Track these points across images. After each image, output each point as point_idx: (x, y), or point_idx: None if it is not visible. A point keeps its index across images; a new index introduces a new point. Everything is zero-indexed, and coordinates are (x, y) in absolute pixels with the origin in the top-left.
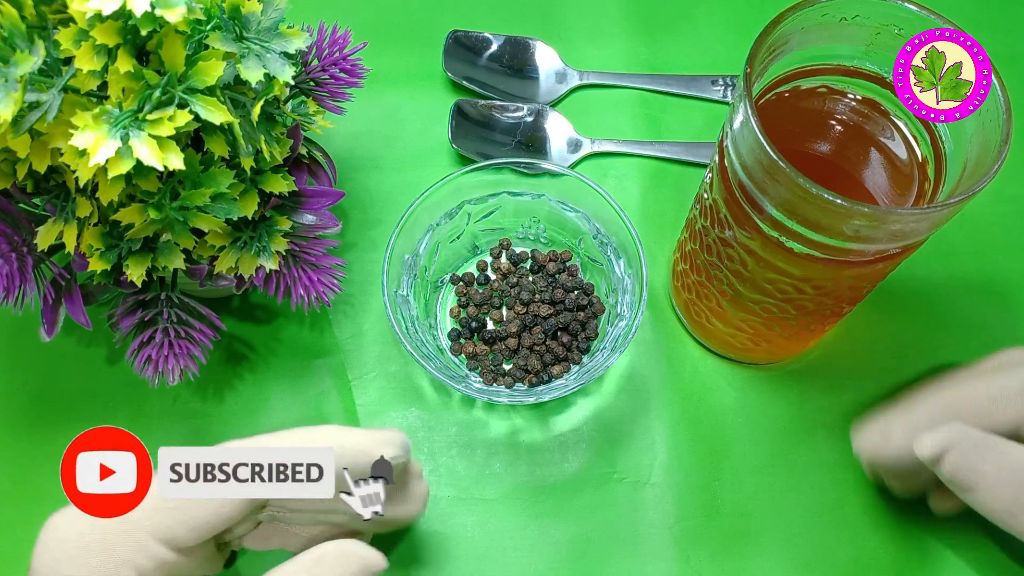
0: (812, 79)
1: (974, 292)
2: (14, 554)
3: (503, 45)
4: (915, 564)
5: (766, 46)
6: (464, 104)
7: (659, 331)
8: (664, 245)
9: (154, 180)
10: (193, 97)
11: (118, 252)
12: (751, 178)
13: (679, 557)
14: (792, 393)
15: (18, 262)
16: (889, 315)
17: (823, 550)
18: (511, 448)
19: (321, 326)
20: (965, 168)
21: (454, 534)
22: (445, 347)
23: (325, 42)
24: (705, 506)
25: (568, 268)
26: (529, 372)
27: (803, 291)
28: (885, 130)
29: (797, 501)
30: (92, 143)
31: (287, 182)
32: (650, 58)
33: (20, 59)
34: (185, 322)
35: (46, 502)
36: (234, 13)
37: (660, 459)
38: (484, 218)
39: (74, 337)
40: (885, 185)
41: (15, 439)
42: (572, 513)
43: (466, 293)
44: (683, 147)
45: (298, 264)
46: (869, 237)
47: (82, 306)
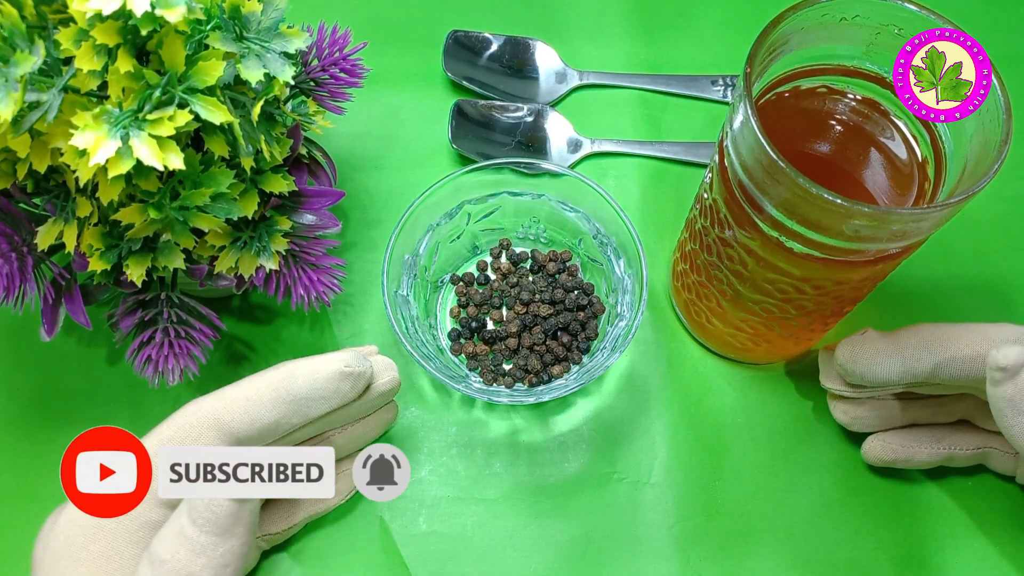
0: (812, 79)
1: (974, 292)
2: (14, 554)
3: (503, 45)
4: (915, 564)
5: (766, 46)
6: (464, 104)
7: (659, 331)
8: (664, 245)
9: (154, 180)
10: (193, 97)
11: (118, 252)
12: (751, 178)
13: (679, 557)
14: (792, 393)
15: (18, 262)
16: (889, 315)
17: (823, 550)
18: (511, 448)
19: (321, 326)
20: (965, 168)
21: (454, 534)
22: (445, 347)
23: (325, 42)
24: (705, 506)
25: (568, 268)
26: (529, 372)
27: (803, 291)
28: (885, 130)
29: (797, 501)
30: (92, 143)
31: (287, 182)
32: (650, 58)
33: (20, 59)
34: (185, 322)
35: (46, 502)
36: (234, 13)
37: (660, 459)
38: (484, 218)
39: (74, 337)
40: (885, 185)
41: (15, 439)
42: (572, 513)
43: (466, 293)
44: (683, 147)
45: (298, 264)
46: (869, 237)
47: (82, 306)
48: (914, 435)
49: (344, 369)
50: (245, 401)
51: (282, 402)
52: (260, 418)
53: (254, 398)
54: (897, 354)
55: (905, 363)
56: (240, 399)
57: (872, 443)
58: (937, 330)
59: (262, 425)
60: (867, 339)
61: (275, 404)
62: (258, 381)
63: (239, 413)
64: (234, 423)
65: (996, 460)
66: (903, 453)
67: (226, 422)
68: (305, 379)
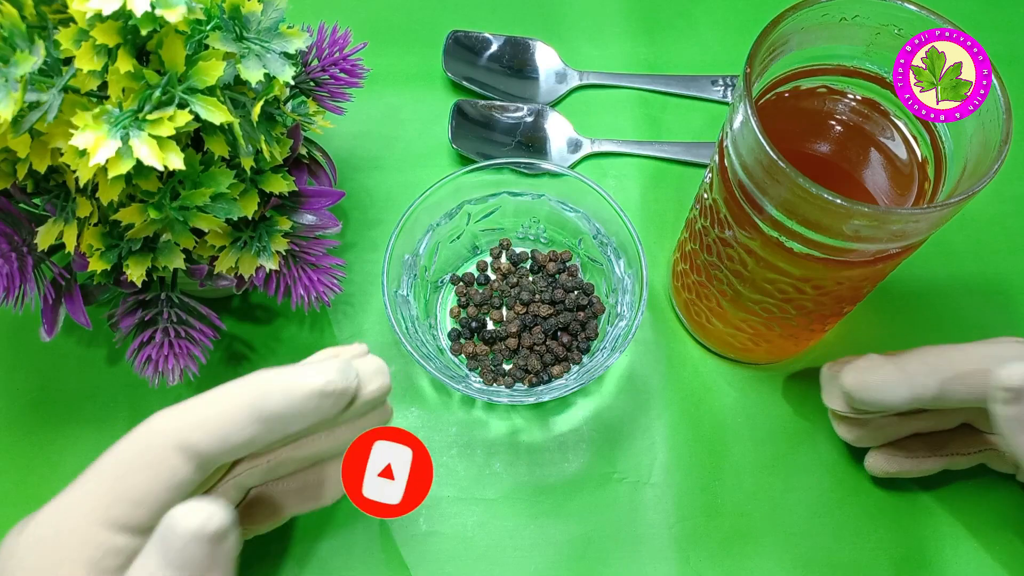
0: (812, 79)
1: (974, 292)
2: None
3: (503, 45)
4: (915, 564)
5: (766, 46)
6: (464, 104)
7: (659, 331)
8: (664, 245)
9: (154, 180)
10: (193, 97)
11: (118, 252)
12: (751, 178)
13: (679, 557)
14: (792, 393)
15: (18, 262)
16: (889, 315)
17: (823, 550)
18: (511, 448)
19: (321, 326)
20: (965, 168)
21: (454, 534)
22: (445, 347)
23: (325, 42)
24: (705, 506)
25: (568, 268)
26: (529, 372)
27: (803, 291)
28: (885, 130)
29: (797, 501)
30: (92, 143)
31: (287, 182)
32: (650, 58)
33: (20, 59)
34: (185, 322)
35: (46, 502)
36: (234, 13)
37: (660, 459)
38: (484, 218)
39: (74, 337)
40: (885, 185)
41: (15, 439)
42: (572, 513)
43: (466, 293)
44: (683, 147)
45: (298, 264)
46: (869, 237)
47: (82, 306)
48: (917, 445)
49: (324, 388)
50: (216, 419)
51: (256, 420)
52: (231, 438)
53: (225, 416)
54: (904, 381)
55: (912, 389)
56: (210, 417)
57: (876, 457)
58: (943, 353)
59: (233, 445)
60: (873, 366)
61: (248, 423)
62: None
63: (208, 433)
64: (202, 444)
65: (996, 460)
66: (908, 464)
67: (193, 443)
68: (281, 396)
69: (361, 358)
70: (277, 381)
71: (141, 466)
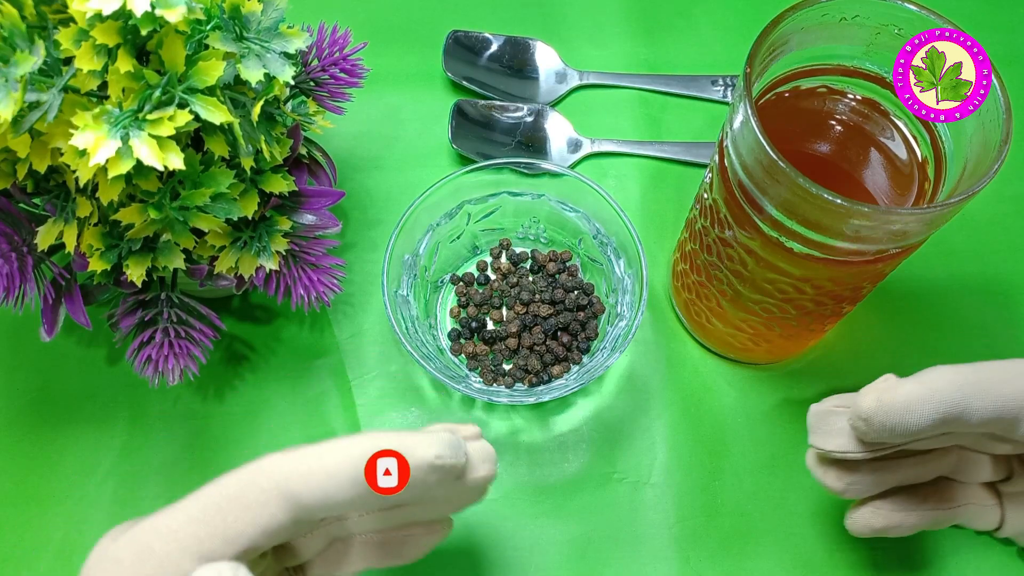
0: (812, 79)
1: (974, 292)
2: (14, 554)
3: (503, 45)
4: (915, 564)
5: (766, 46)
6: (464, 104)
7: (659, 331)
8: (664, 245)
9: (154, 180)
10: (193, 97)
11: (118, 252)
12: (751, 178)
13: (679, 557)
14: (792, 393)
15: (18, 262)
16: (889, 315)
17: (823, 550)
18: (511, 448)
19: (321, 326)
20: (965, 168)
21: (455, 534)
22: (445, 347)
23: (325, 42)
24: (705, 506)
25: (568, 268)
26: (529, 372)
27: (803, 291)
28: (885, 130)
29: (797, 501)
30: (92, 143)
31: (287, 182)
32: (650, 58)
33: (20, 59)
34: (185, 322)
35: (46, 502)
36: (234, 13)
37: (660, 459)
38: (484, 218)
39: (74, 337)
40: (885, 185)
41: (15, 439)
42: (572, 513)
43: (466, 293)
44: (683, 147)
45: (298, 264)
46: (869, 237)
47: (82, 306)
48: (900, 498)
49: (434, 461)
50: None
51: (360, 483)
52: (333, 496)
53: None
54: (929, 397)
55: (938, 408)
56: (318, 471)
57: (861, 511)
58: (959, 370)
59: (334, 503)
60: (892, 385)
61: (354, 484)
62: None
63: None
64: (303, 495)
65: (976, 515)
66: (896, 519)
67: (295, 492)
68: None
69: (474, 441)
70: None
71: (243, 505)
